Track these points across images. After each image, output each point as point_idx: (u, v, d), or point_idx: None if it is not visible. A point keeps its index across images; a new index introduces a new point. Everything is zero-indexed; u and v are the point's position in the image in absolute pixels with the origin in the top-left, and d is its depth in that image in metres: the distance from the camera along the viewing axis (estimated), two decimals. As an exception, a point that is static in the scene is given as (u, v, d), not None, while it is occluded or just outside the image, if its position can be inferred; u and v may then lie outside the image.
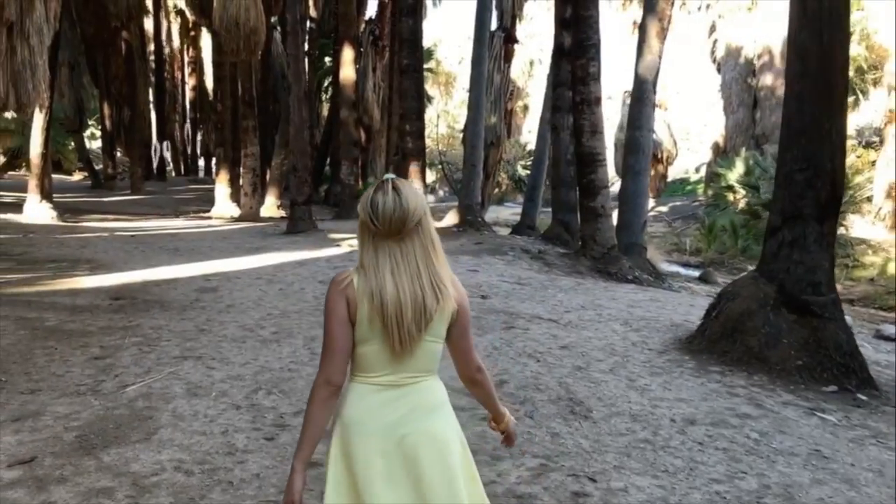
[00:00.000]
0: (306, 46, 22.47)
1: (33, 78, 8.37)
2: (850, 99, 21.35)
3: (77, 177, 31.05)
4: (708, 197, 30.47)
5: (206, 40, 34.29)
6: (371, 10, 28.19)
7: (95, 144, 36.04)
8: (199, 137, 39.83)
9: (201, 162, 41.36)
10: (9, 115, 25.96)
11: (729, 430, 3.90)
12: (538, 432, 3.81)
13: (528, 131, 51.43)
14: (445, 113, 48.87)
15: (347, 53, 18.17)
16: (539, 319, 6.41)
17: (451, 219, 14.06)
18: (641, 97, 12.09)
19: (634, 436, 3.79)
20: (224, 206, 18.29)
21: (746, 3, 28.59)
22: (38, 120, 14.39)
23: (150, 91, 32.55)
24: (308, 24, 24.52)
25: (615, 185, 14.54)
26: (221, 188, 18.72)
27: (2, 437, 3.47)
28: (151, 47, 31.98)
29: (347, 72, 17.99)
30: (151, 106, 33.15)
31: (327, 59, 28.14)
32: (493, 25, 18.07)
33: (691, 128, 62.80)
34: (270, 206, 19.14)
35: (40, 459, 3.23)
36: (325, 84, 30.05)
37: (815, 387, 4.62)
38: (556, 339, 5.70)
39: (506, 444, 2.14)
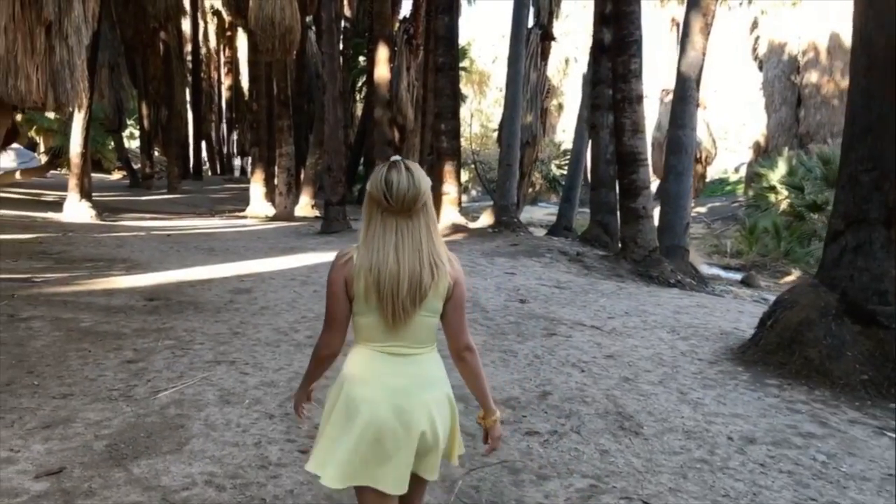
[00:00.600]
0: (341, 46, 22.46)
1: (72, 77, 8.35)
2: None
3: (116, 176, 31.56)
4: (748, 198, 29.75)
5: (241, 40, 34.63)
6: (405, 10, 28.15)
7: (134, 144, 36.67)
8: (234, 137, 40.25)
9: (237, 161, 41.83)
10: (51, 115, 26.48)
11: (793, 450, 3.63)
12: (586, 449, 3.58)
13: (563, 130, 50.92)
14: (479, 112, 48.62)
15: (382, 52, 18.01)
16: (581, 326, 6.17)
17: (485, 219, 13.84)
18: (684, 95, 11.72)
19: (690, 455, 3.55)
20: (259, 205, 18.34)
21: (791, -1, 27.83)
22: (78, 120, 14.57)
23: (187, 91, 32.94)
24: (342, 23, 24.51)
25: (653, 186, 14.15)
26: (256, 188, 18.78)
27: (31, 444, 3.37)
28: (189, 48, 32.38)
29: (382, 70, 17.83)
30: (188, 106, 33.55)
31: (361, 58, 28.14)
32: (530, 23, 17.77)
33: (729, 127, 61.57)
34: (304, 206, 19.15)
35: (69, 470, 3.11)
36: (360, 84, 30.07)
37: (883, 403, 4.31)
38: (600, 348, 5.46)
39: (486, 450, 2.12)
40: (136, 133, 33.97)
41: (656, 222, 11.33)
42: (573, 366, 4.96)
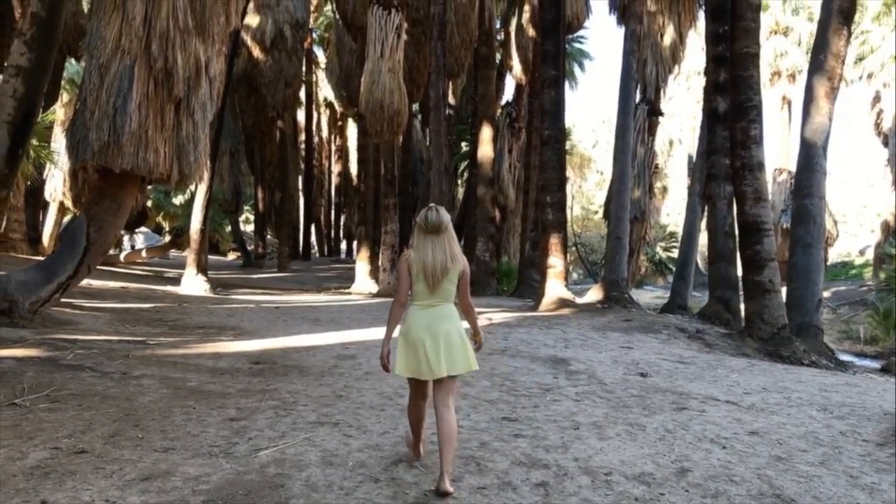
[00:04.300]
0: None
1: (195, 151, 8.78)
2: None
3: (231, 256, 33.21)
4: (879, 281, 27.48)
5: (351, 130, 36.42)
6: (507, 95, 28.75)
7: (248, 228, 38.71)
8: (342, 221, 41.75)
9: (343, 244, 43.24)
10: (176, 201, 28.44)
11: None
12: (743, 536, 2.99)
13: (667, 214, 49.67)
14: (580, 194, 48.38)
15: (486, 132, 18.28)
16: (715, 401, 5.51)
17: (594, 294, 13.25)
18: (810, 163, 10.98)
19: (878, 550, 2.88)
20: (364, 282, 18.56)
21: (916, 70, 26.32)
22: (199, 198, 15.45)
23: (300, 177, 34.67)
24: (446, 109, 25.29)
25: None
26: (362, 265, 19.07)
27: (128, 496, 3.18)
28: (302, 137, 34.29)
29: (486, 150, 18.03)
30: (300, 191, 35.22)
31: (464, 144, 28.79)
32: (637, 98, 17.57)
33: (848, 209, 58.11)
34: (407, 283, 19.17)
35: (163, 525, 2.87)
36: (461, 168, 30.67)
37: None
38: (741, 424, 4.80)
39: (475, 348, 3.66)
40: (251, 217, 35.87)
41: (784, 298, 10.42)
42: (712, 442, 4.35)
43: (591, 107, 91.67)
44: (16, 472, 3.43)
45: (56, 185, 17.16)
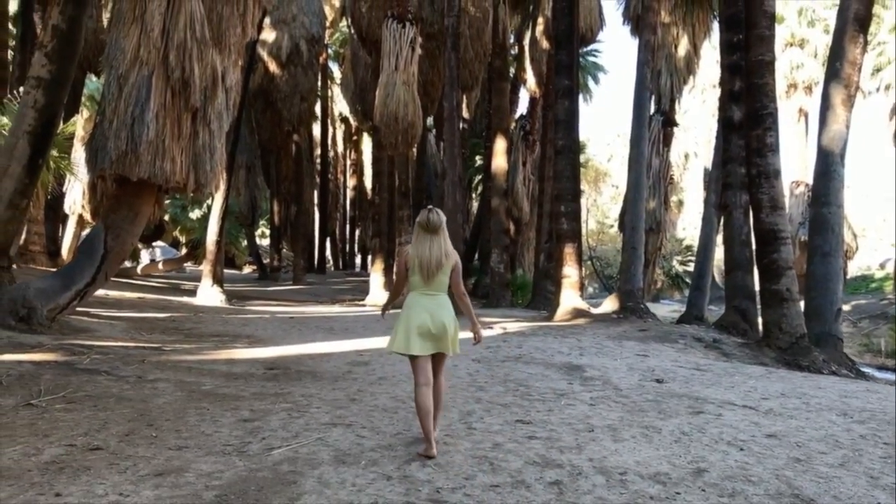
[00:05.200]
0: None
1: (211, 160, 8.87)
2: None
3: (247, 270, 33.40)
4: (900, 294, 27.16)
5: (366, 144, 36.64)
6: (521, 108, 28.84)
7: (264, 242, 38.97)
8: (357, 234, 41.89)
9: (358, 258, 43.35)
10: (193, 216, 28.70)
11: None
12: (761, 534, 2.93)
13: (683, 228, 49.37)
14: (595, 207, 48.27)
15: (500, 144, 18.31)
16: (732, 405, 5.44)
17: (609, 305, 13.16)
18: (827, 171, 10.88)
19: (900, 549, 2.81)
20: (378, 294, 18.55)
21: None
22: (216, 210, 15.59)
23: (315, 191, 34.87)
24: (460, 123, 25.38)
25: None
26: (376, 277, 19.08)
27: (141, 490, 3.19)
28: (318, 151, 34.53)
29: (500, 161, 18.05)
30: (315, 205, 35.40)
31: (478, 157, 28.85)
32: (651, 109, 17.54)
33: (868, 223, 57.45)
34: (421, 295, 19.14)
35: (175, 517, 2.87)
36: (475, 182, 30.71)
37: None
38: (758, 427, 4.73)
39: (473, 342, 4.22)
40: (267, 231, 36.11)
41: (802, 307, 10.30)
42: (729, 444, 4.29)
43: (605, 121, 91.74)
44: (31, 467, 3.45)
45: (75, 197, 17.37)
